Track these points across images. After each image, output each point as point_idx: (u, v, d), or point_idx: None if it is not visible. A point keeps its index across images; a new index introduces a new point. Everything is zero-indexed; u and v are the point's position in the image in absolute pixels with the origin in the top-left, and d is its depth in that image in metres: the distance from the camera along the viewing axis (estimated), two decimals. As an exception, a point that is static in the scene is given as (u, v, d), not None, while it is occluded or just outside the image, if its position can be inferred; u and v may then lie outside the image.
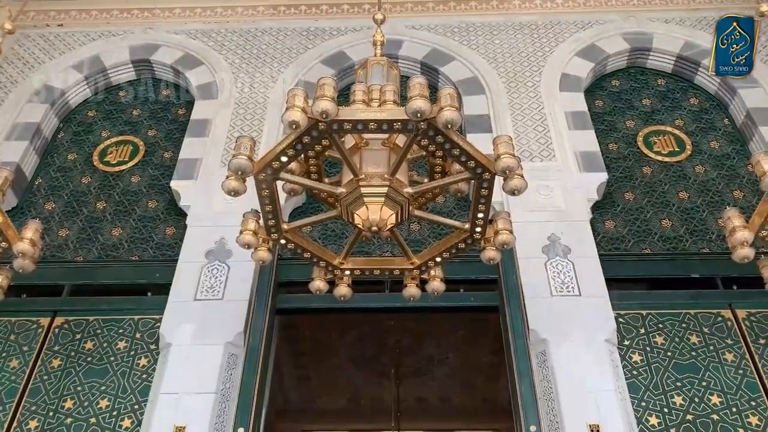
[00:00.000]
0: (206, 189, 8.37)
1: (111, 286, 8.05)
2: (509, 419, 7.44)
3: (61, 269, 8.16)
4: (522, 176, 4.61)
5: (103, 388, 7.10)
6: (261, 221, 5.26)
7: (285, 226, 5.28)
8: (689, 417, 6.70)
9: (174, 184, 8.63)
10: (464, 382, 12.97)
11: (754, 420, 6.66)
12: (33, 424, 6.87)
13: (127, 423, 6.83)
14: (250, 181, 4.76)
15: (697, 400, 6.81)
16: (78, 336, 7.53)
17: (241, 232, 5.23)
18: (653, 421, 6.67)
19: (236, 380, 6.88)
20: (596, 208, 8.33)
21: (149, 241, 8.43)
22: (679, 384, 6.92)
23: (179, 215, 8.52)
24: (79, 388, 7.11)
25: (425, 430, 15.38)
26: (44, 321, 7.68)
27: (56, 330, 7.62)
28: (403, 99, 4.62)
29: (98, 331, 7.56)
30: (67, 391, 7.10)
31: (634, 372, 7.00)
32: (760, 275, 5.92)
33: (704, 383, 6.92)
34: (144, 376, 7.15)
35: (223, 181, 4.60)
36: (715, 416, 6.71)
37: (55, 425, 6.86)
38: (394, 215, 4.82)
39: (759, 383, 6.90)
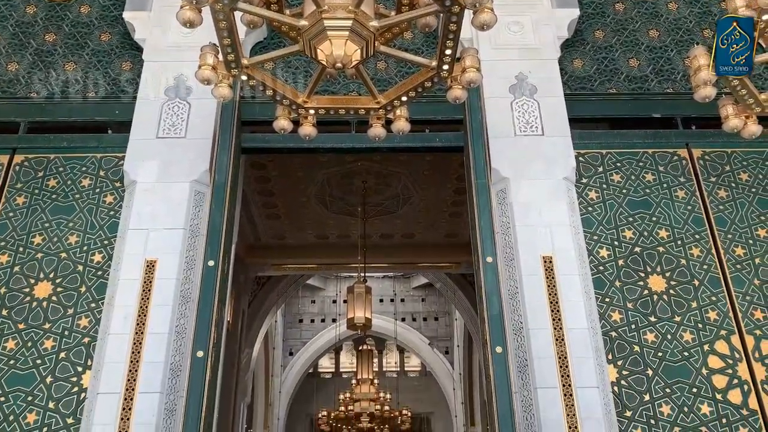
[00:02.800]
0: (161, 21, 7.95)
1: (69, 123, 7.86)
2: (469, 254, 7.84)
3: (15, 105, 7.89)
4: (492, 10, 4.45)
5: (71, 224, 7.18)
6: (220, 56, 5.06)
7: (245, 62, 5.09)
8: (637, 249, 7.13)
9: (127, 15, 8.17)
10: (428, 220, 13.45)
11: (696, 251, 7.14)
12: (4, 258, 7.00)
13: (98, 258, 7.00)
14: (208, 13, 4.52)
15: (646, 234, 7.22)
16: (40, 174, 7.47)
17: (199, 67, 5.03)
18: (603, 253, 7.09)
19: (204, 216, 7.01)
20: (565, 46, 8.20)
21: (105, 76, 8.11)
22: (630, 219, 7.28)
23: (135, 49, 8.14)
24: (46, 225, 7.18)
25: (390, 264, 16.21)
26: (3, 158, 7.56)
27: (17, 168, 7.53)
28: None
29: (60, 169, 7.49)
30: (34, 227, 7.17)
31: (590, 208, 7.31)
32: (719, 115, 6.02)
33: (654, 218, 7.30)
34: (111, 212, 7.22)
35: (177, 11, 4.36)
36: (661, 248, 7.15)
37: (27, 260, 7.01)
38: (359, 51, 4.66)
39: (705, 218, 7.30)
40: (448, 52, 4.92)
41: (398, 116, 5.66)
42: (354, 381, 16.33)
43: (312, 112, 5.59)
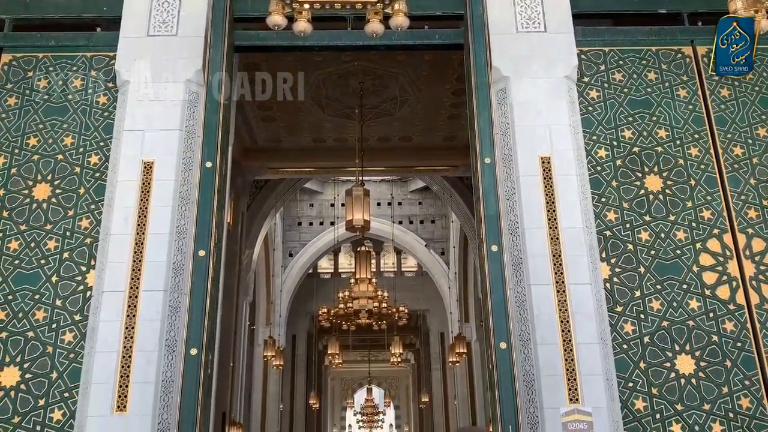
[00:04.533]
0: None
1: (57, 21, 7.60)
2: (467, 156, 7.81)
3: (-3, 2, 7.60)
4: None
5: (65, 126, 7.10)
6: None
7: (236, -49, 4.86)
8: (635, 149, 7.12)
9: None
10: (426, 122, 13.29)
11: (694, 151, 7.12)
12: (0, 160, 6.97)
13: (94, 159, 6.97)
14: None
15: (645, 134, 7.18)
16: (30, 74, 7.30)
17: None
18: (602, 153, 7.08)
19: (199, 117, 6.92)
20: (571, -64, 7.81)
21: (90, -30, 7.75)
22: (630, 119, 7.22)
23: (119, -59, 7.74)
24: (40, 126, 7.10)
25: (388, 167, 16.19)
26: (-9, 58, 7.37)
27: (5, 67, 7.35)
28: None
29: (50, 69, 7.32)
30: (28, 129, 7.09)
31: (590, 108, 7.23)
32: (727, 9, 5.84)
33: (654, 118, 7.23)
34: (105, 114, 7.12)
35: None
36: (659, 148, 7.14)
37: (23, 162, 6.98)
38: (354, -62, 4.45)
39: (705, 117, 7.24)
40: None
41: (396, 11, 5.48)
42: (352, 280, 16.75)
43: (307, 6, 5.40)
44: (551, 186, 6.63)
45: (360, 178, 13.15)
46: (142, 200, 6.53)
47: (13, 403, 6.17)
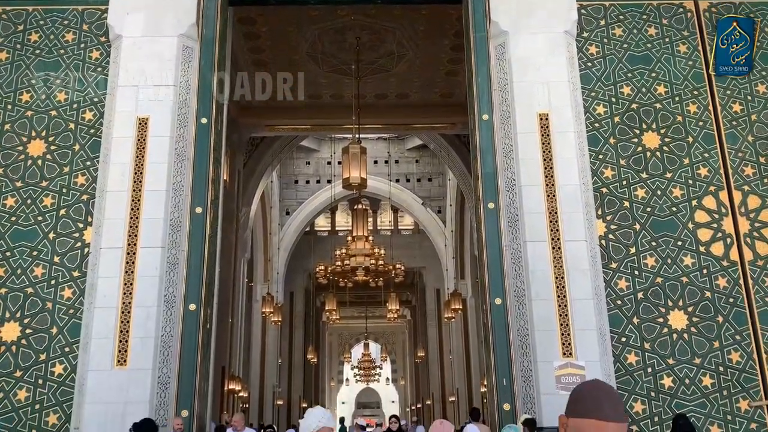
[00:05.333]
0: None
1: (45, -28, 7.42)
2: (464, 114, 7.76)
3: (-16, -47, 7.40)
4: None
5: (58, 81, 7.01)
6: None
7: None
8: (634, 106, 7.07)
9: None
10: (423, 79, 13.15)
11: (693, 108, 7.08)
12: (-6, 116, 6.91)
13: (89, 115, 6.91)
14: None
15: (644, 90, 7.12)
16: (20, 27, 7.17)
17: None
18: (600, 110, 7.03)
19: (194, 73, 6.84)
20: None
21: None
22: (630, 75, 7.15)
23: None
24: (33, 82, 7.01)
25: (384, 125, 16.08)
26: (-20, 11, 7.22)
27: (-5, 21, 7.22)
28: None
29: (41, 23, 7.18)
30: (21, 85, 7.00)
31: (589, 64, 7.15)
32: (731, -38, 5.73)
33: (654, 74, 7.16)
34: (99, 69, 7.02)
35: None
36: (658, 105, 7.09)
37: (17, 117, 6.91)
38: None
39: (705, 73, 7.17)
40: None
41: (393, -37, 5.36)
42: (349, 238, 16.80)
43: (302, -42, 5.28)
44: (549, 143, 6.60)
45: (357, 135, 13.07)
46: (137, 157, 6.50)
47: (15, 357, 6.25)
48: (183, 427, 5.74)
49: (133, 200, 6.40)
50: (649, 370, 6.36)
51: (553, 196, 6.50)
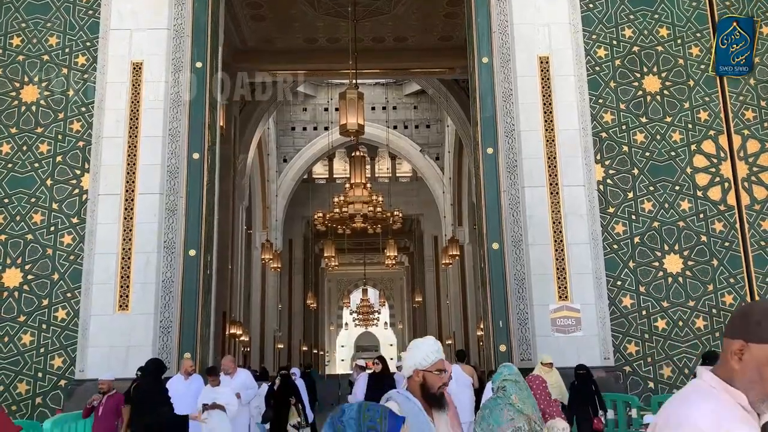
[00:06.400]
0: None
1: None
2: (463, 58, 7.64)
3: None
4: None
5: (48, 24, 6.86)
6: None
7: None
8: (635, 48, 6.96)
9: None
10: (421, 22, 12.89)
11: (695, 51, 6.97)
12: (-15, 61, 6.79)
13: (82, 60, 6.79)
14: None
15: (646, 32, 6.99)
16: (7, -31, 6.98)
17: None
18: (601, 53, 6.92)
19: (188, 15, 6.69)
20: None
21: None
22: (632, 17, 7.01)
23: None
24: (23, 25, 6.86)
25: (382, 70, 15.85)
26: (-35, -48, 7.01)
27: (-19, -38, 7.01)
28: None
29: (29, -37, 6.99)
30: (11, 28, 6.85)
31: (590, 5, 6.98)
32: None
33: (656, 15, 7.02)
34: (90, 12, 6.86)
35: None
36: (660, 47, 6.98)
37: (8, 62, 6.79)
38: None
39: (708, 15, 7.04)
40: None
41: None
42: (347, 185, 16.75)
43: None
44: (549, 87, 6.53)
45: (354, 81, 12.90)
46: (132, 102, 6.43)
47: (18, 303, 6.33)
48: (195, 369, 5.81)
49: (129, 146, 6.37)
50: (644, 312, 6.47)
51: (552, 140, 6.46)
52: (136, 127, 6.39)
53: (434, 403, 1.88)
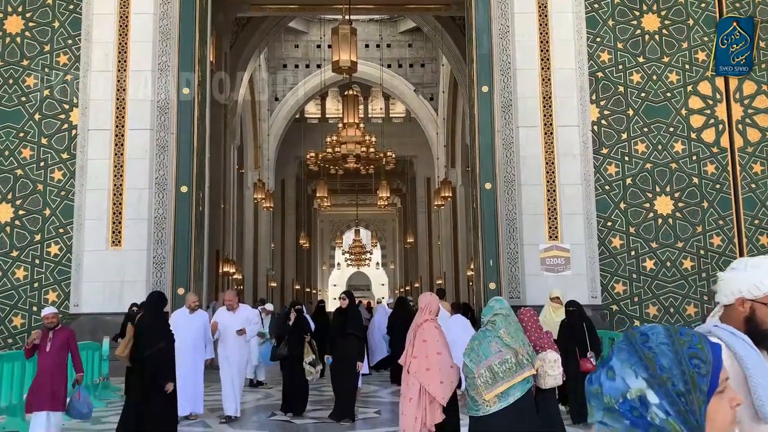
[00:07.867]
0: None
1: None
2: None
3: None
4: None
5: (31, -48, 6.62)
6: None
7: None
8: (635, -14, 6.81)
9: None
10: (417, -45, 12.51)
11: (696, -11, 6.84)
12: (-34, -10, 6.57)
13: (67, -10, 6.59)
14: None
15: (647, -31, 6.83)
16: None
17: None
18: (600, -11, 6.78)
19: (175, -56, 6.46)
20: None
21: None
22: (633, -48, 6.83)
23: None
24: (4, -48, 6.61)
25: (376, 5, 15.48)
26: None
27: None
28: None
29: None
30: (-8, -45, 6.61)
31: (592, -61, 6.81)
32: None
33: (658, -49, 6.85)
34: (73, -61, 6.62)
35: None
36: (660, -15, 6.83)
37: (-9, -8, 6.59)
38: None
39: (712, -48, 6.87)
40: None
41: None
42: (340, 125, 16.58)
43: None
44: (546, 24, 6.41)
45: (347, 17, 12.59)
46: (120, 35, 6.27)
47: (10, 238, 6.33)
48: (199, 304, 5.81)
49: (118, 80, 6.25)
50: (633, 253, 6.55)
51: (548, 80, 6.39)
52: (125, 61, 6.26)
53: (762, 343, 1.30)
